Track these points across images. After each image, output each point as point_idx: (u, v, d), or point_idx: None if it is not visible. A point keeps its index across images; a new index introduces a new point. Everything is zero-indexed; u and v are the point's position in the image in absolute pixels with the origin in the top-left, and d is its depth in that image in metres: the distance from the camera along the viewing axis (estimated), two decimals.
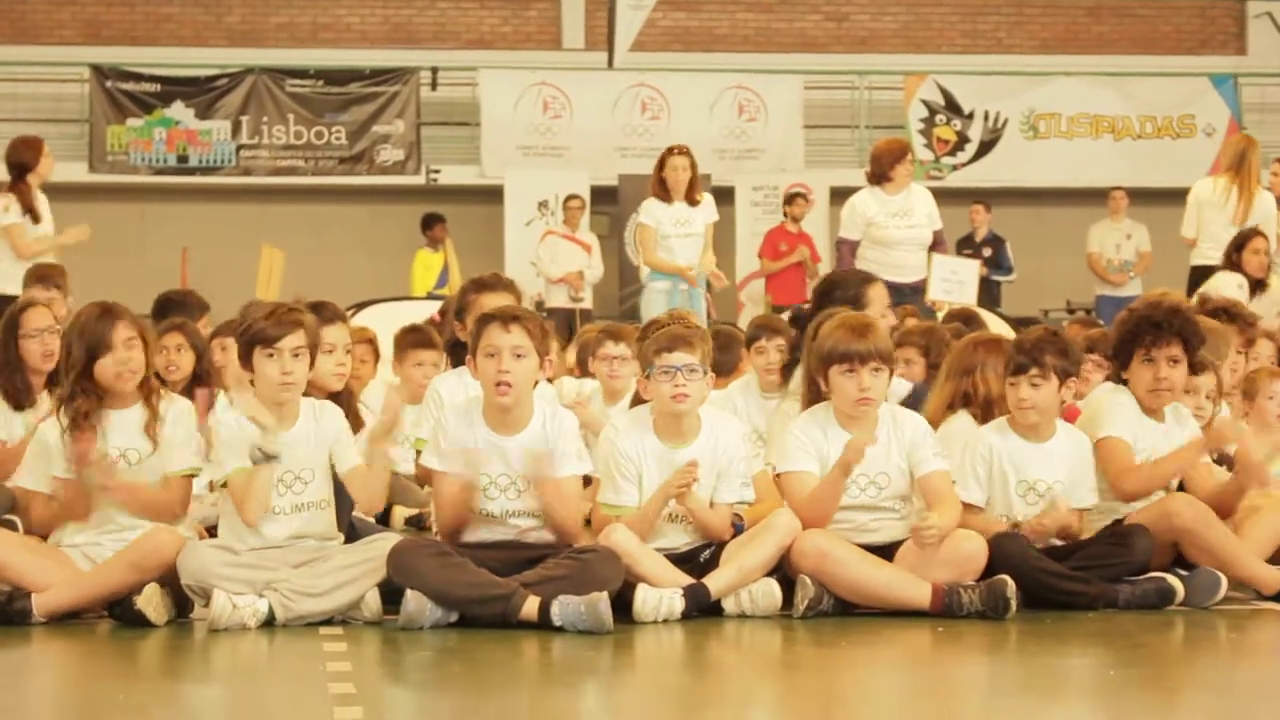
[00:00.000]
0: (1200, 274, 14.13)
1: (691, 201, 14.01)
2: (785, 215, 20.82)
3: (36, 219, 13.45)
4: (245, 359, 7.29)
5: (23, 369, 8.99)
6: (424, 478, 8.21)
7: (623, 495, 7.40)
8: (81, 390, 7.32)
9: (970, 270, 14.38)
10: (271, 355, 7.22)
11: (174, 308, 10.89)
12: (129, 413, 7.39)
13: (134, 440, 7.35)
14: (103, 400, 7.35)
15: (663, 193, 14.04)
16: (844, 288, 9.34)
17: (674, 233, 14.10)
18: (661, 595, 7.11)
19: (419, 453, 8.08)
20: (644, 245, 14.28)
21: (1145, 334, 7.85)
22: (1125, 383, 7.96)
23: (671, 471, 7.38)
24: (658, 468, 7.43)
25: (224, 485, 7.25)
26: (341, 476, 7.37)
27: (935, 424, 7.92)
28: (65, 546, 7.33)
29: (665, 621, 7.06)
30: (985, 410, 8.06)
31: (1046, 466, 7.72)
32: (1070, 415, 8.10)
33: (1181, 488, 7.96)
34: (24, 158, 13.61)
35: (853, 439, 7.27)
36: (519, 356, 7.19)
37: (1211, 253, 14.11)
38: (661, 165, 14.14)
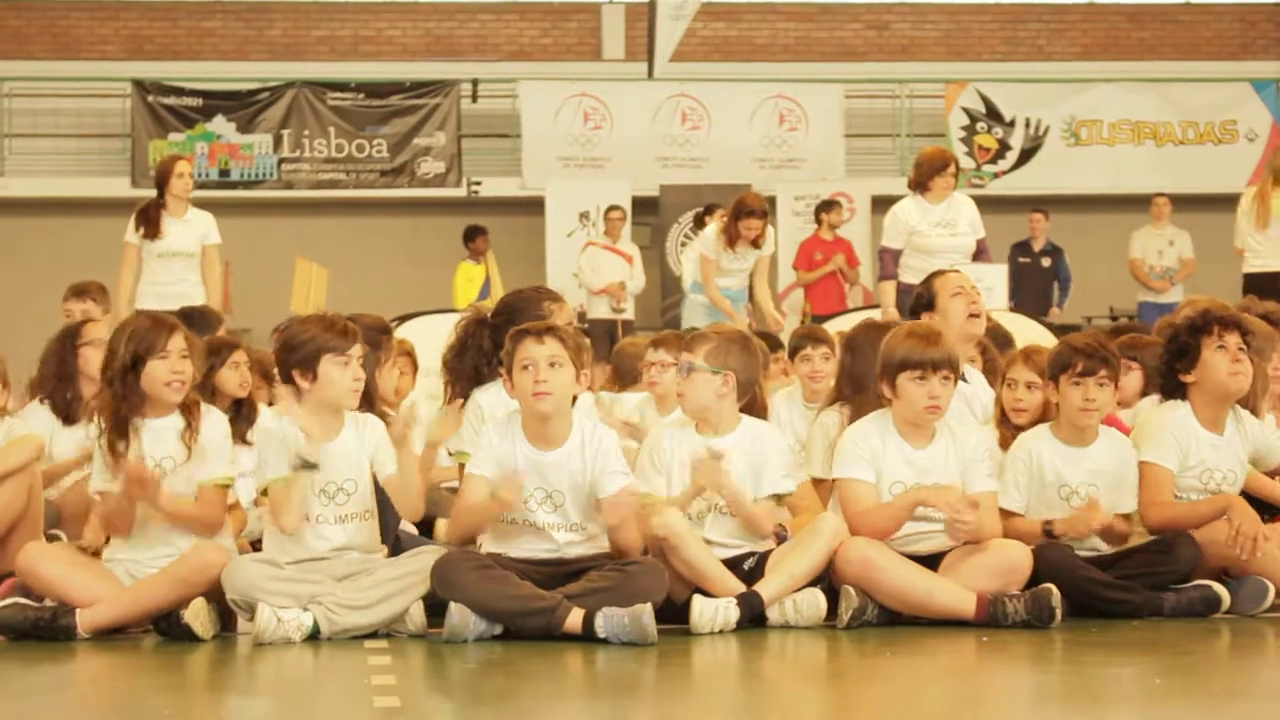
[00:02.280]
0: (1252, 281, 14.13)
1: (755, 245, 14.44)
2: (820, 223, 20.76)
3: (152, 235, 13.51)
4: (308, 369, 7.28)
5: (76, 382, 9.04)
6: None
7: (650, 484, 7.47)
8: (125, 395, 7.33)
9: (997, 275, 14.25)
10: (346, 363, 7.27)
11: (192, 324, 10.95)
12: (166, 421, 7.37)
13: (170, 449, 7.34)
14: (143, 408, 7.37)
15: (728, 241, 14.40)
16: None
17: (730, 268, 14.58)
18: (717, 606, 7.13)
19: (462, 466, 8.09)
20: (706, 280, 14.60)
21: (1214, 324, 7.82)
22: (1178, 389, 7.90)
23: (701, 452, 7.42)
24: (689, 450, 7.47)
25: (264, 494, 7.29)
26: (382, 483, 7.39)
27: None
28: (107, 562, 7.35)
29: (716, 633, 7.07)
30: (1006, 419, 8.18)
31: (1088, 471, 7.72)
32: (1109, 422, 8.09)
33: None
34: (160, 171, 13.82)
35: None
36: (554, 365, 7.21)
37: (1258, 261, 14.13)
38: (736, 217, 14.37)
